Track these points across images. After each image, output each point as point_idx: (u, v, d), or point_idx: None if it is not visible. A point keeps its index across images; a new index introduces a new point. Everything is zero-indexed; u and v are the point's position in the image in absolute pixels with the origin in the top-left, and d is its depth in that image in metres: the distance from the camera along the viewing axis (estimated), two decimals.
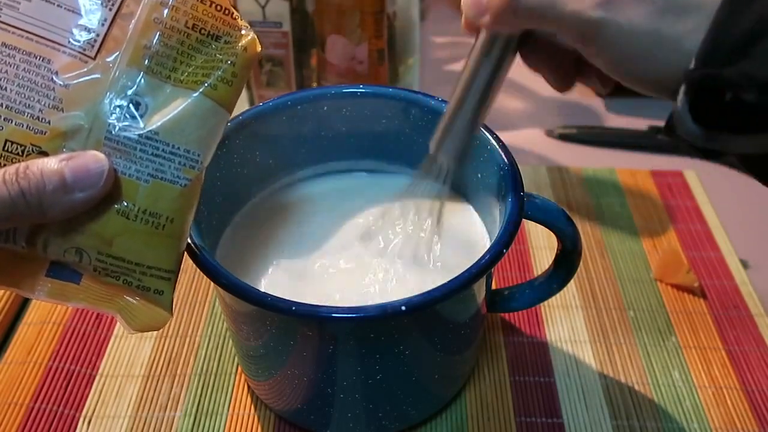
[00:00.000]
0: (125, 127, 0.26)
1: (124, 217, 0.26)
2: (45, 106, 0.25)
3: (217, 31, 0.27)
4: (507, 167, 0.34)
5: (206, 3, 0.27)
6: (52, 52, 0.25)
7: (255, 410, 0.40)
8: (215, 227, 0.38)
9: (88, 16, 0.26)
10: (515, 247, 0.50)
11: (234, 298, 0.31)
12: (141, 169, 0.26)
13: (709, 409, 0.40)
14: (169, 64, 0.26)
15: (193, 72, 0.27)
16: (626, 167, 0.57)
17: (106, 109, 0.26)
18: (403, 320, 0.31)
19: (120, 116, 0.26)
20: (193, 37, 0.27)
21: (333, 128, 0.41)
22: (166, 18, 0.26)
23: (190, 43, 0.27)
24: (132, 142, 0.26)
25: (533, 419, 0.39)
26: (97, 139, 0.26)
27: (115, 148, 0.26)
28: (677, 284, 0.47)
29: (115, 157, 0.26)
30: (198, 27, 0.27)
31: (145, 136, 0.26)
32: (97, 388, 0.41)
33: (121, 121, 0.26)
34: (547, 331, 0.44)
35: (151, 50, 0.26)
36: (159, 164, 0.26)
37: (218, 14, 0.27)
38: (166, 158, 0.26)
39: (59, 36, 0.26)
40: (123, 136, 0.26)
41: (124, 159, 0.26)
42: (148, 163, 0.26)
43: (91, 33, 0.26)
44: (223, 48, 0.27)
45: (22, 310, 0.45)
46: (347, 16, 0.53)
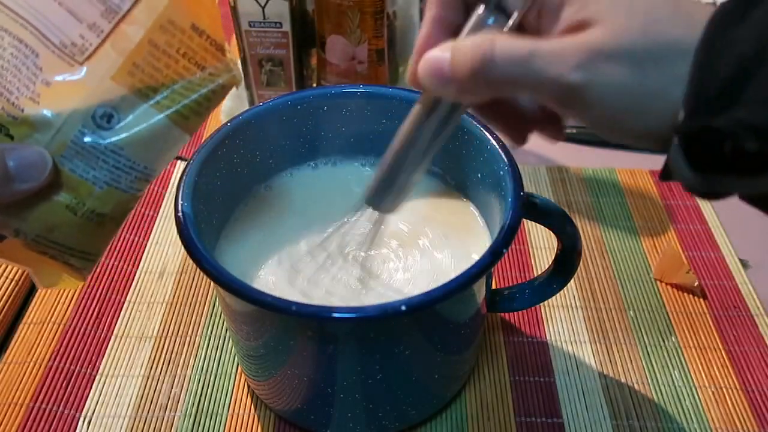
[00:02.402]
0: (93, 135, 0.26)
1: (71, 212, 0.27)
2: (22, 95, 0.25)
3: (205, 62, 0.27)
4: (507, 167, 0.34)
5: (203, 36, 0.27)
6: (42, 47, 0.26)
7: (255, 410, 0.40)
8: (215, 227, 0.38)
9: (85, 23, 0.26)
10: (515, 247, 0.50)
11: (234, 298, 0.31)
12: (98, 176, 0.27)
13: (709, 409, 0.40)
14: (151, 85, 0.27)
15: (171, 96, 0.27)
16: (626, 167, 0.57)
17: (79, 115, 0.26)
18: (403, 320, 0.31)
19: (91, 124, 0.26)
20: (181, 64, 0.27)
21: (333, 128, 0.41)
22: (162, 42, 0.26)
23: (176, 68, 0.27)
24: (96, 150, 0.27)
25: (533, 419, 0.39)
26: (63, 140, 0.26)
27: (79, 152, 0.26)
28: (677, 284, 0.47)
29: (77, 160, 0.26)
30: (188, 56, 0.27)
31: (109, 149, 0.27)
32: (97, 388, 0.41)
33: (91, 129, 0.26)
34: (547, 331, 0.44)
35: (138, 68, 0.26)
36: (117, 175, 0.27)
37: (210, 48, 0.27)
38: (125, 171, 0.27)
39: (52, 34, 0.26)
40: (89, 143, 0.26)
41: (85, 163, 0.27)
42: (107, 173, 0.27)
43: (85, 40, 0.26)
44: (205, 78, 0.28)
45: (22, 310, 0.45)
46: (347, 16, 0.53)
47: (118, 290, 0.46)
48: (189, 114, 0.28)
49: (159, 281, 0.47)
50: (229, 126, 0.37)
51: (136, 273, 0.48)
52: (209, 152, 0.36)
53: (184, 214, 0.32)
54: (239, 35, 0.55)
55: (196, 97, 0.27)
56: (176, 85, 0.27)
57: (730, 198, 0.24)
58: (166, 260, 0.49)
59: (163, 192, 0.54)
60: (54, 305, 0.44)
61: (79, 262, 0.29)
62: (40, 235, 0.28)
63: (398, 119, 0.40)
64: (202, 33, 0.27)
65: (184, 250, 0.31)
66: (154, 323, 0.44)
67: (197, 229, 0.32)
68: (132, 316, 0.45)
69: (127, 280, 0.47)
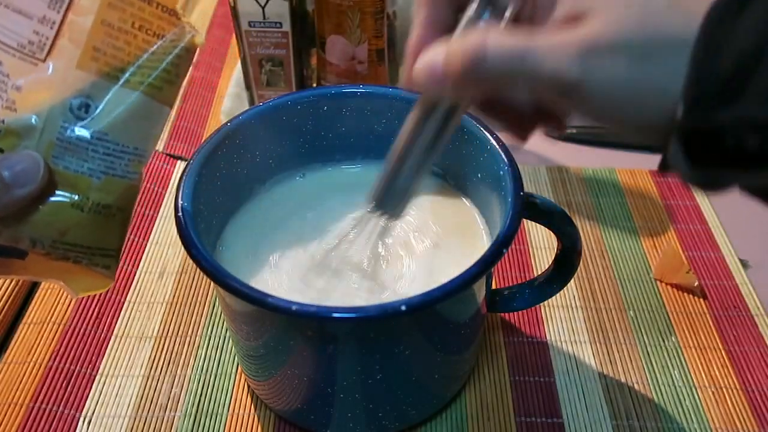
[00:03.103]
0: (76, 127, 0.26)
1: (78, 209, 0.27)
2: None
3: (163, 30, 0.27)
4: (507, 167, 0.34)
5: (152, 5, 0.27)
6: (1, 53, 0.26)
7: (255, 410, 0.40)
8: (215, 227, 0.38)
9: (35, 19, 0.26)
10: (515, 247, 0.50)
11: (234, 298, 0.31)
12: (93, 167, 0.27)
13: (709, 409, 0.40)
14: (117, 65, 0.27)
15: (139, 71, 0.27)
16: (626, 167, 0.57)
17: (57, 111, 0.26)
18: (403, 320, 0.31)
19: (70, 117, 0.26)
20: (140, 38, 0.27)
21: (333, 128, 0.41)
22: (115, 20, 0.26)
23: (137, 43, 0.27)
24: (83, 142, 0.27)
25: (533, 419, 0.39)
26: (50, 139, 0.26)
27: (67, 147, 0.27)
28: (677, 284, 0.47)
29: (68, 156, 0.27)
30: (144, 27, 0.27)
31: (95, 137, 0.27)
32: (97, 388, 0.41)
33: (72, 122, 0.26)
34: (547, 331, 0.44)
35: (99, 52, 0.26)
36: (110, 162, 0.27)
37: (164, 15, 0.27)
38: (116, 156, 0.27)
39: (6, 37, 0.26)
40: (74, 136, 0.27)
41: (77, 157, 0.27)
42: (100, 162, 0.27)
43: (40, 36, 0.26)
44: (167, 47, 0.28)
45: (22, 310, 0.45)
46: (347, 16, 0.53)
47: (118, 290, 0.46)
48: (161, 84, 0.28)
49: (159, 281, 0.47)
50: (229, 126, 0.37)
51: (136, 273, 0.48)
52: (209, 152, 0.36)
53: (184, 214, 0.32)
54: (239, 35, 0.55)
55: (163, 66, 0.28)
56: (141, 60, 0.27)
57: (730, 191, 0.24)
58: (166, 260, 0.49)
59: (163, 192, 0.54)
60: (54, 305, 0.44)
61: (102, 260, 0.29)
62: (56, 241, 0.28)
63: (398, 119, 0.40)
64: (152, 1, 0.27)
65: (184, 250, 0.31)
66: (154, 323, 0.44)
67: (197, 229, 0.32)
68: (132, 316, 0.45)
69: (127, 280, 0.47)
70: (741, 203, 0.55)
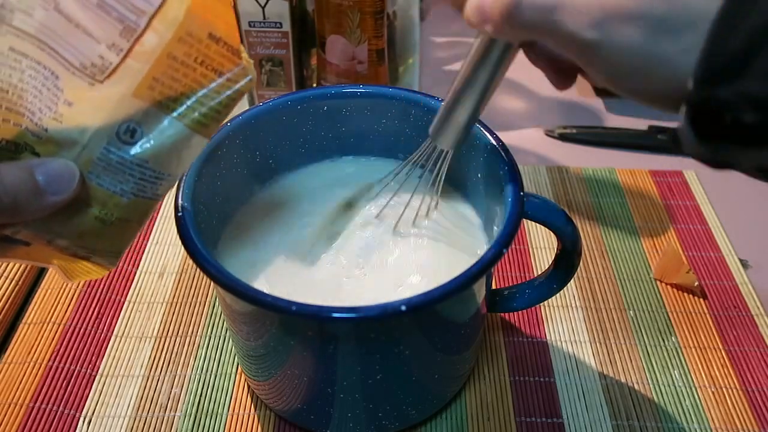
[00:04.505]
0: (118, 150, 0.27)
1: (100, 222, 0.28)
2: (45, 116, 0.26)
3: (222, 68, 0.27)
4: (507, 167, 0.34)
5: (219, 43, 0.27)
6: (61, 68, 0.26)
7: (255, 410, 0.40)
8: (215, 227, 0.38)
9: (104, 44, 0.26)
10: (515, 247, 0.50)
11: (234, 298, 0.31)
12: (125, 189, 0.27)
13: (709, 409, 0.40)
14: (171, 96, 0.27)
15: (191, 105, 0.27)
16: (626, 167, 0.57)
17: (103, 133, 0.26)
18: (403, 320, 0.31)
19: (115, 141, 0.27)
20: (199, 72, 0.27)
21: (333, 128, 0.41)
22: (180, 54, 0.27)
23: (195, 77, 0.27)
24: (122, 165, 0.27)
25: (533, 419, 0.39)
26: (89, 157, 0.27)
27: (105, 167, 0.27)
28: (677, 284, 0.47)
29: (104, 175, 0.27)
30: (206, 63, 0.27)
31: (135, 162, 0.27)
32: (97, 388, 0.41)
33: (115, 145, 0.27)
34: (547, 331, 0.44)
35: (157, 82, 0.27)
36: (143, 186, 0.28)
37: (227, 54, 0.27)
38: (150, 181, 0.28)
39: (71, 55, 0.26)
40: (115, 159, 0.27)
41: (111, 177, 0.27)
42: (133, 185, 0.28)
43: (104, 60, 0.26)
44: (223, 85, 0.28)
45: (22, 310, 0.45)
46: (347, 16, 0.53)
47: (118, 290, 0.46)
48: (209, 121, 0.28)
49: (159, 281, 0.47)
50: (229, 126, 0.37)
51: (136, 273, 0.48)
52: (209, 152, 0.36)
53: (184, 214, 0.32)
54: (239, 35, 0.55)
55: (215, 104, 0.28)
56: (196, 94, 0.27)
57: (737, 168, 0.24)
58: (166, 260, 0.49)
59: None
60: (54, 305, 0.44)
61: (107, 258, 0.30)
62: (72, 243, 0.28)
63: (398, 119, 0.40)
64: (219, 40, 0.27)
65: (184, 250, 0.31)
66: (154, 323, 0.44)
67: (197, 229, 0.32)
68: (132, 316, 0.45)
69: (127, 280, 0.47)
70: (741, 203, 0.55)
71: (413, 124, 0.40)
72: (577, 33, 0.25)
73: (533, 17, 0.26)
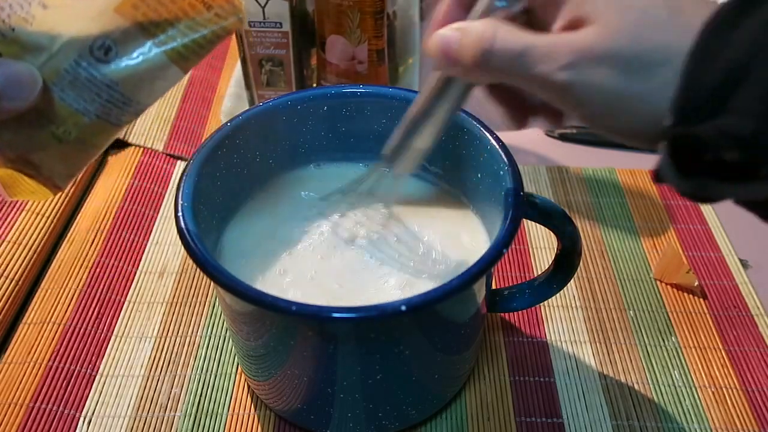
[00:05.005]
0: (88, 66, 0.25)
1: (56, 139, 0.26)
2: (15, 13, 0.24)
3: (213, 1, 0.26)
4: (507, 167, 0.34)
5: None
6: None
7: (255, 410, 0.40)
8: (215, 227, 0.38)
9: None
10: (515, 247, 0.50)
11: (234, 298, 0.31)
12: (89, 108, 0.26)
13: (709, 409, 0.40)
14: (154, 20, 0.26)
15: (173, 33, 0.26)
16: (626, 167, 0.57)
17: (76, 44, 0.25)
18: (403, 320, 0.31)
19: (86, 55, 0.25)
20: (187, 1, 0.26)
21: (333, 128, 0.41)
22: None
23: (182, 5, 0.26)
24: (90, 82, 0.26)
25: (533, 419, 0.39)
26: (56, 67, 0.25)
27: (72, 81, 0.25)
28: (677, 284, 0.47)
29: (69, 89, 0.26)
30: None
31: (104, 82, 0.26)
32: (97, 388, 0.41)
33: (87, 60, 0.25)
34: (547, 331, 0.44)
35: (143, 3, 0.25)
36: (108, 108, 0.26)
37: None
38: (117, 105, 0.26)
39: None
40: (83, 74, 0.25)
41: (77, 93, 0.26)
42: (99, 105, 0.26)
43: None
44: (210, 19, 0.27)
45: (22, 310, 0.45)
46: (347, 16, 0.53)
47: (118, 290, 0.46)
48: (189, 54, 0.27)
49: (159, 281, 0.47)
50: (229, 126, 0.37)
51: (136, 273, 0.48)
52: (209, 152, 0.36)
53: (184, 215, 0.32)
54: (239, 35, 0.55)
55: (198, 37, 0.27)
56: (180, 23, 0.26)
57: (723, 201, 0.24)
58: (166, 260, 0.49)
59: (163, 192, 0.54)
60: (54, 305, 0.44)
61: (54, 181, 0.29)
62: (21, 156, 0.27)
63: (398, 119, 0.40)
64: None
65: (184, 250, 0.31)
66: (154, 323, 0.44)
67: (197, 229, 0.32)
68: (132, 316, 0.45)
69: (127, 280, 0.47)
70: None
71: None
72: (549, 76, 0.24)
73: (505, 61, 0.25)
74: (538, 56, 0.25)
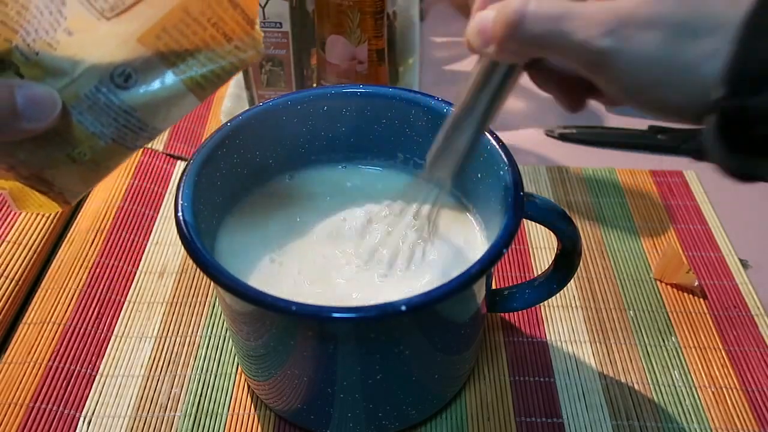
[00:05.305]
0: (108, 92, 0.26)
1: (70, 160, 0.27)
2: (39, 38, 0.25)
3: (233, 34, 0.27)
4: (507, 167, 0.34)
5: (237, 10, 0.26)
6: None
7: (255, 410, 0.40)
8: (215, 226, 0.38)
9: None
10: (515, 247, 0.50)
11: (234, 298, 0.31)
12: (105, 132, 0.27)
13: (709, 409, 0.40)
14: (175, 50, 0.26)
15: (192, 63, 0.27)
16: (626, 167, 0.57)
17: (97, 71, 0.26)
18: (403, 320, 0.31)
19: (108, 82, 0.26)
20: (209, 33, 0.26)
21: (333, 128, 0.41)
22: (195, 11, 0.26)
23: (203, 36, 0.26)
24: (108, 107, 0.26)
25: (533, 419, 0.39)
26: (77, 91, 0.26)
27: (91, 106, 0.26)
28: (677, 284, 0.47)
29: (87, 113, 0.26)
30: (218, 26, 0.26)
31: (123, 108, 0.26)
32: (97, 388, 0.41)
33: (107, 86, 0.26)
34: (547, 331, 0.44)
35: (165, 33, 0.26)
36: (124, 133, 0.27)
37: (241, 22, 0.27)
38: (132, 131, 0.27)
39: None
40: (102, 99, 0.26)
41: (94, 117, 0.26)
42: (115, 130, 0.27)
43: None
44: (230, 50, 0.27)
45: (22, 310, 0.45)
46: (347, 16, 0.53)
47: (118, 290, 0.46)
48: (206, 83, 0.27)
49: (159, 281, 0.47)
50: (229, 126, 0.37)
51: (136, 273, 0.48)
52: (209, 152, 0.36)
53: (184, 214, 0.32)
54: None
55: (216, 68, 0.27)
56: (200, 54, 0.26)
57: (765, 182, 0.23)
58: (166, 260, 0.49)
59: (163, 192, 0.54)
60: (54, 305, 0.44)
61: (64, 197, 0.29)
62: (34, 174, 0.27)
63: (398, 119, 0.40)
64: (237, 6, 0.26)
65: (184, 250, 0.31)
66: (154, 323, 0.44)
67: (197, 229, 0.32)
68: (132, 316, 0.45)
69: (127, 280, 0.47)
70: (741, 203, 0.55)
71: (413, 124, 0.40)
72: (588, 42, 0.23)
73: (540, 29, 0.24)
74: (576, 23, 0.23)
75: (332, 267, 0.37)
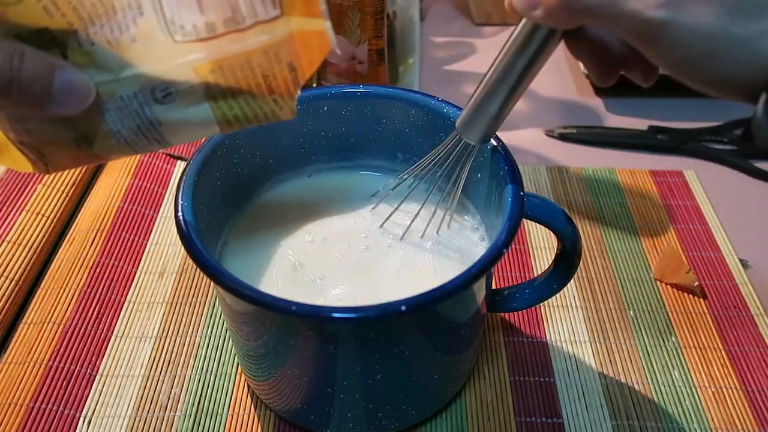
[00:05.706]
0: (143, 102, 0.27)
1: (75, 144, 0.27)
2: (102, 33, 0.25)
3: (278, 89, 0.27)
4: (507, 167, 0.34)
5: (291, 74, 0.27)
6: (151, 10, 0.25)
7: (255, 410, 0.40)
8: (215, 227, 0.38)
9: (205, 18, 0.26)
10: (515, 247, 0.50)
11: (234, 298, 0.31)
12: (123, 133, 0.27)
13: (709, 409, 0.40)
14: (220, 86, 0.27)
15: (230, 102, 0.27)
16: (626, 167, 0.57)
17: (140, 80, 0.26)
18: (403, 320, 0.31)
19: (147, 94, 0.27)
20: (254, 83, 0.27)
21: (333, 128, 0.41)
22: (255, 63, 0.26)
23: (251, 83, 0.27)
24: (137, 115, 0.27)
25: (533, 419, 0.39)
26: (114, 90, 0.26)
27: (121, 107, 0.27)
28: (677, 284, 0.47)
29: (114, 111, 0.27)
30: (268, 79, 0.27)
31: (150, 120, 0.27)
32: (97, 388, 0.41)
33: (145, 96, 0.27)
34: (547, 331, 0.44)
35: (220, 70, 0.26)
36: (140, 139, 0.28)
37: (290, 84, 0.27)
38: (149, 141, 0.28)
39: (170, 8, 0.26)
40: (135, 106, 0.27)
41: (119, 117, 0.27)
42: (133, 134, 0.27)
43: (194, 29, 0.26)
44: (267, 102, 0.28)
45: (22, 310, 0.45)
46: (347, 16, 0.53)
47: (118, 290, 0.46)
48: (234, 122, 0.28)
49: (159, 281, 0.47)
50: None
51: (136, 273, 0.48)
52: (209, 152, 0.36)
53: (184, 214, 0.32)
54: None
55: (250, 113, 0.28)
56: (241, 96, 0.27)
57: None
58: (166, 260, 0.49)
59: (163, 192, 0.54)
60: (54, 305, 0.44)
61: (50, 168, 0.29)
62: (34, 142, 0.28)
63: (398, 119, 0.40)
64: (294, 71, 0.27)
65: (184, 250, 0.31)
66: (154, 323, 0.44)
67: (197, 229, 0.32)
68: (132, 316, 0.45)
69: (127, 280, 0.47)
70: (741, 203, 0.55)
71: (413, 124, 0.40)
72: (641, 13, 0.23)
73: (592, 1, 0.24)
74: None
75: (334, 266, 0.37)
